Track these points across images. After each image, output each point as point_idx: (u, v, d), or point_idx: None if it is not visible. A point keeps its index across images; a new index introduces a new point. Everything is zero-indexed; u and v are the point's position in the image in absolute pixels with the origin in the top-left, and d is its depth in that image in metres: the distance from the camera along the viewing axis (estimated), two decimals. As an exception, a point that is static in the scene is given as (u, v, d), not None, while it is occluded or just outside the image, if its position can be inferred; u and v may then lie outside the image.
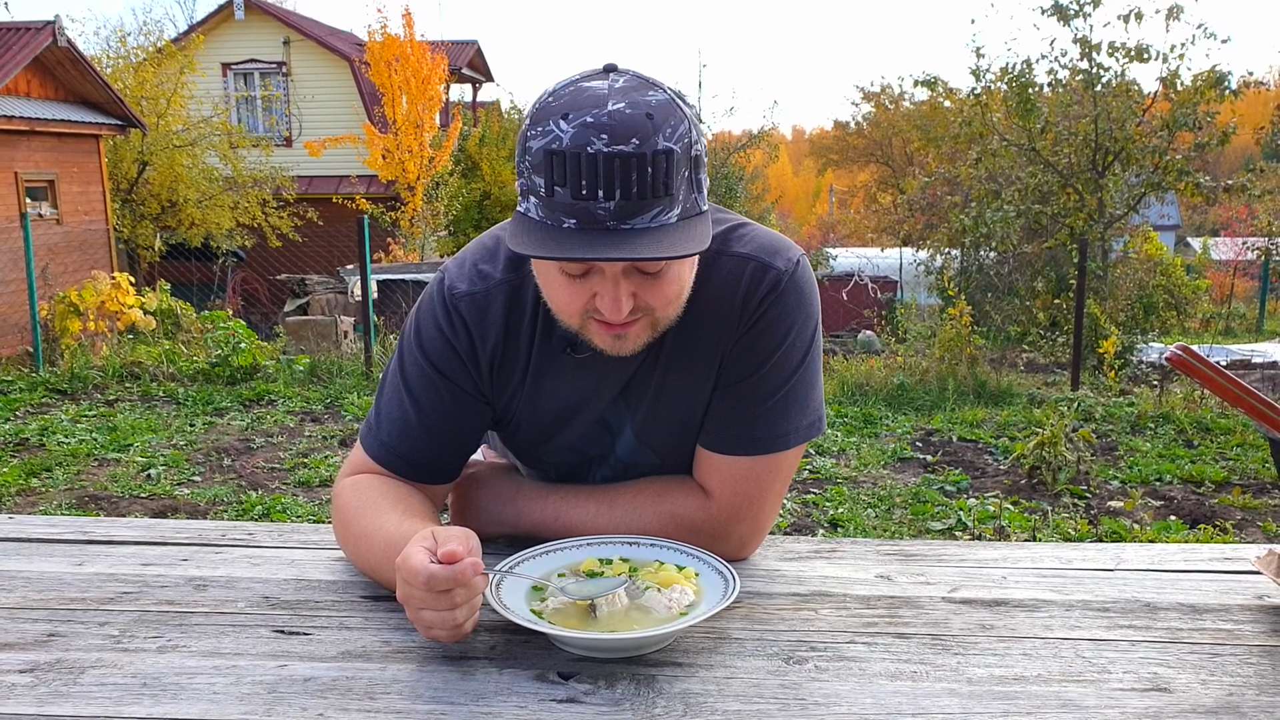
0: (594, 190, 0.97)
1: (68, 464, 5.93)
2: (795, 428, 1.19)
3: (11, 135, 11.03)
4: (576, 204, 0.97)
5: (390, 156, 14.48)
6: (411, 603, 0.96)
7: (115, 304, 9.74)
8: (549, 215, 0.99)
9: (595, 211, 0.97)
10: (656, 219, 0.99)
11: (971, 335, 8.16)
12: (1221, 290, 16.20)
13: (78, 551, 1.28)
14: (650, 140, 0.97)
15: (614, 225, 0.98)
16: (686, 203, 1.02)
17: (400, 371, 1.22)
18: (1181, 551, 1.29)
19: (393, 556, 1.00)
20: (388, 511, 1.14)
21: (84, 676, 0.95)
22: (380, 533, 1.12)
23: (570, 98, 1.00)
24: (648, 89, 1.01)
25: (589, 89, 1.00)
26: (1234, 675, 0.95)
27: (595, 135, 0.96)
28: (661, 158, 0.97)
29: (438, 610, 0.95)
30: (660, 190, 0.98)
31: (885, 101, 25.80)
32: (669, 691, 0.92)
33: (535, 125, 1.00)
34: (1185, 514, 4.95)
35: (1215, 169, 14.12)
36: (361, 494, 1.20)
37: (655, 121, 0.98)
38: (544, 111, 1.00)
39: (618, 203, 0.97)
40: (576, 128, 0.97)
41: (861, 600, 1.12)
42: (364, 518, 1.16)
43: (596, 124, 0.97)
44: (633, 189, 0.97)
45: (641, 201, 0.97)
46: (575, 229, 0.98)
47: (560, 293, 1.07)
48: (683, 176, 1.00)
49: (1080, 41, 10.53)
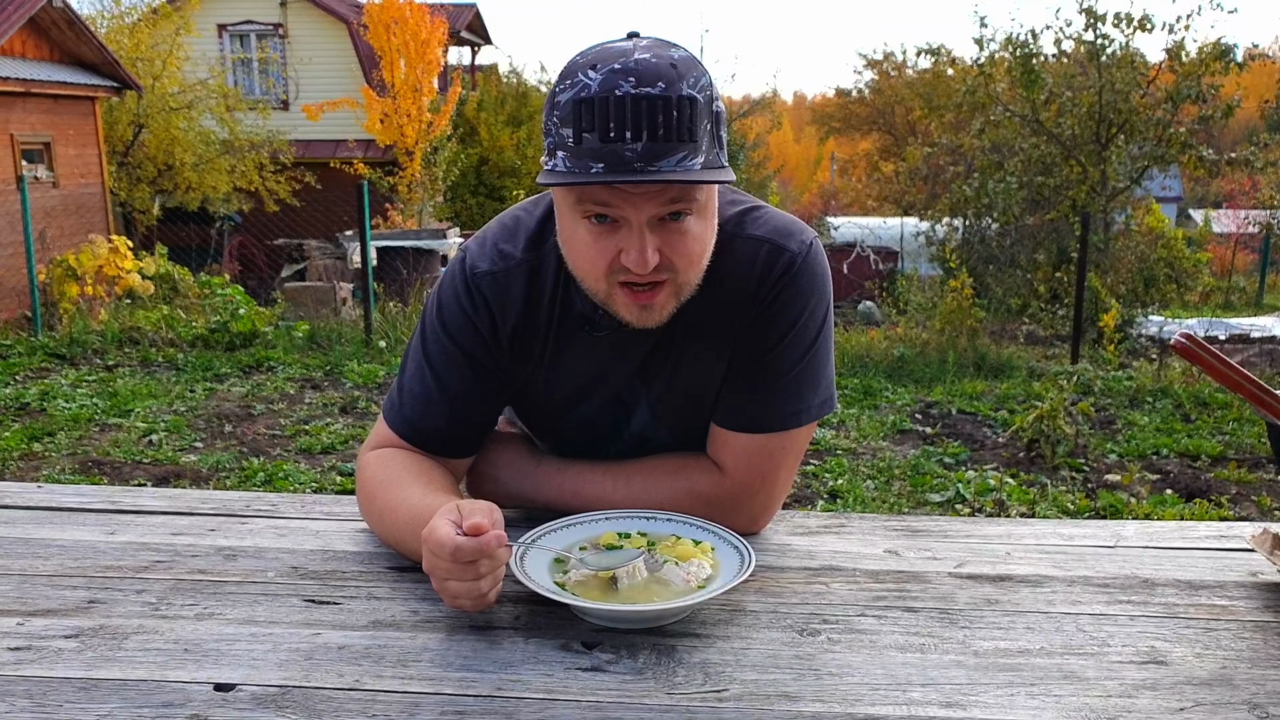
0: (621, 131, 1.00)
1: (69, 429, 5.97)
2: (807, 406, 1.23)
3: (7, 97, 10.92)
4: (604, 147, 1.01)
5: (388, 120, 14.36)
6: (437, 573, 1.00)
7: (113, 268, 9.73)
8: (576, 163, 1.02)
9: (623, 153, 1.00)
10: (682, 163, 1.02)
11: (972, 307, 8.18)
12: (1222, 263, 16.21)
13: (108, 520, 1.31)
14: (675, 85, 1.02)
15: (640, 166, 1.01)
16: (709, 155, 1.05)
17: (423, 349, 1.25)
18: (1179, 529, 1.33)
19: (417, 529, 1.04)
20: (411, 485, 1.18)
21: (128, 642, 0.99)
22: (404, 506, 1.15)
23: (597, 53, 1.05)
24: (670, 47, 1.07)
25: (614, 46, 1.06)
26: (1228, 649, 1.00)
27: (623, 79, 1.01)
28: (686, 103, 1.02)
29: (463, 581, 0.99)
30: (685, 134, 1.02)
31: (888, 69, 25.58)
32: (689, 661, 0.96)
33: (563, 80, 1.05)
34: (1181, 488, 5.02)
35: (1219, 141, 14.07)
36: (385, 468, 1.23)
37: (679, 70, 1.03)
38: (571, 67, 1.05)
39: (645, 144, 1.00)
40: (604, 74, 1.02)
41: (871, 575, 1.16)
42: (388, 491, 1.20)
43: (624, 69, 1.01)
44: (659, 130, 1.00)
45: (667, 144, 1.01)
46: (603, 172, 1.01)
47: (586, 250, 1.09)
48: (705, 128, 1.04)
49: (1085, 11, 10.45)
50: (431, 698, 0.90)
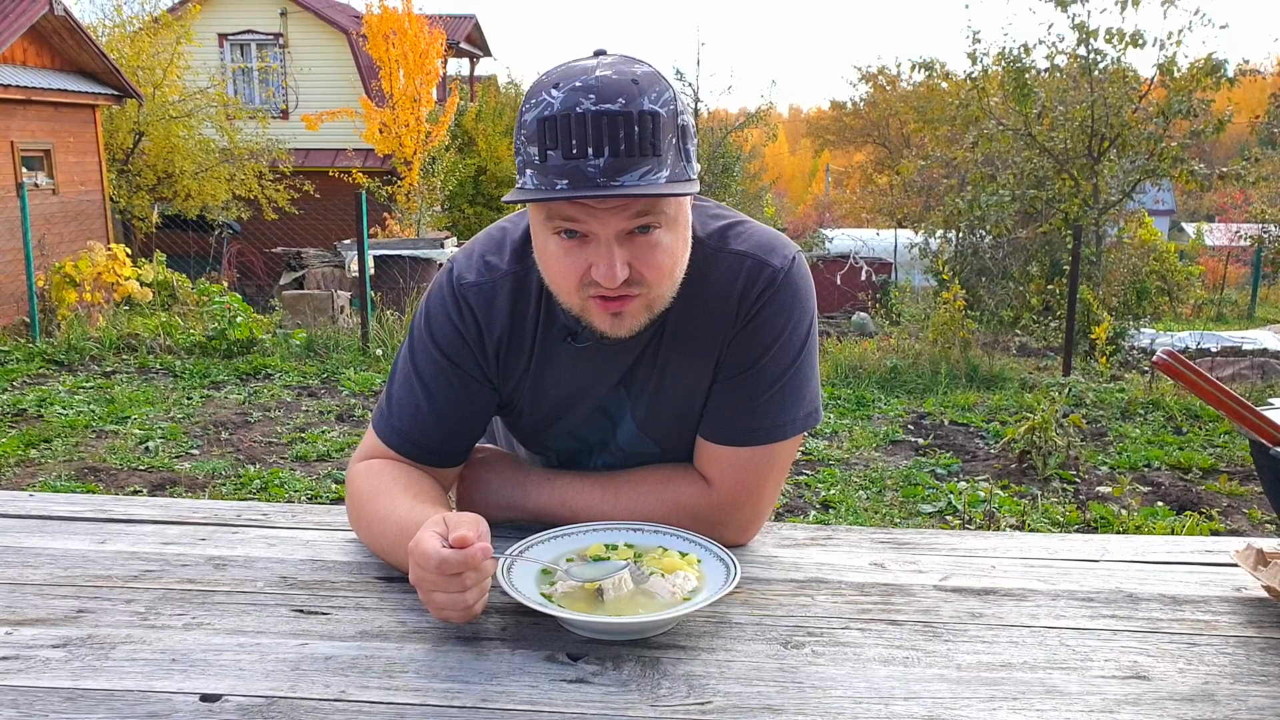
0: (584, 148, 1.02)
1: (66, 435, 5.96)
2: (792, 419, 1.24)
3: (8, 104, 10.94)
4: (568, 164, 1.02)
5: (387, 130, 14.40)
6: (424, 585, 1.01)
7: (111, 275, 9.72)
8: (543, 180, 1.04)
9: (586, 169, 1.02)
10: (645, 178, 1.03)
11: (965, 319, 8.21)
12: (1214, 276, 16.27)
13: (98, 529, 1.31)
14: (636, 101, 1.03)
15: (604, 182, 1.02)
16: (675, 168, 1.06)
17: (411, 359, 1.26)
18: (1165, 544, 1.34)
19: (405, 541, 1.04)
20: (399, 496, 1.19)
21: (115, 652, 0.99)
22: (392, 517, 1.16)
23: (561, 72, 1.07)
24: (634, 63, 1.08)
25: (578, 64, 1.07)
26: (1210, 665, 1.00)
27: (584, 96, 1.02)
28: (648, 118, 1.03)
29: (449, 593, 0.99)
30: (648, 149, 1.03)
31: (883, 82, 25.69)
32: (673, 673, 0.97)
33: (529, 99, 1.07)
34: (1172, 500, 5.03)
35: (1211, 155, 14.14)
36: (374, 479, 1.24)
37: (641, 85, 1.04)
38: (536, 86, 1.07)
39: (607, 160, 1.02)
40: (566, 92, 1.03)
41: (856, 587, 1.17)
42: (377, 502, 1.21)
43: (585, 86, 1.03)
44: (620, 145, 1.02)
45: (630, 159, 1.02)
46: (567, 188, 1.03)
47: (557, 264, 1.11)
48: (670, 142, 1.05)
49: (1077, 27, 10.51)
50: (417, 709, 0.90)
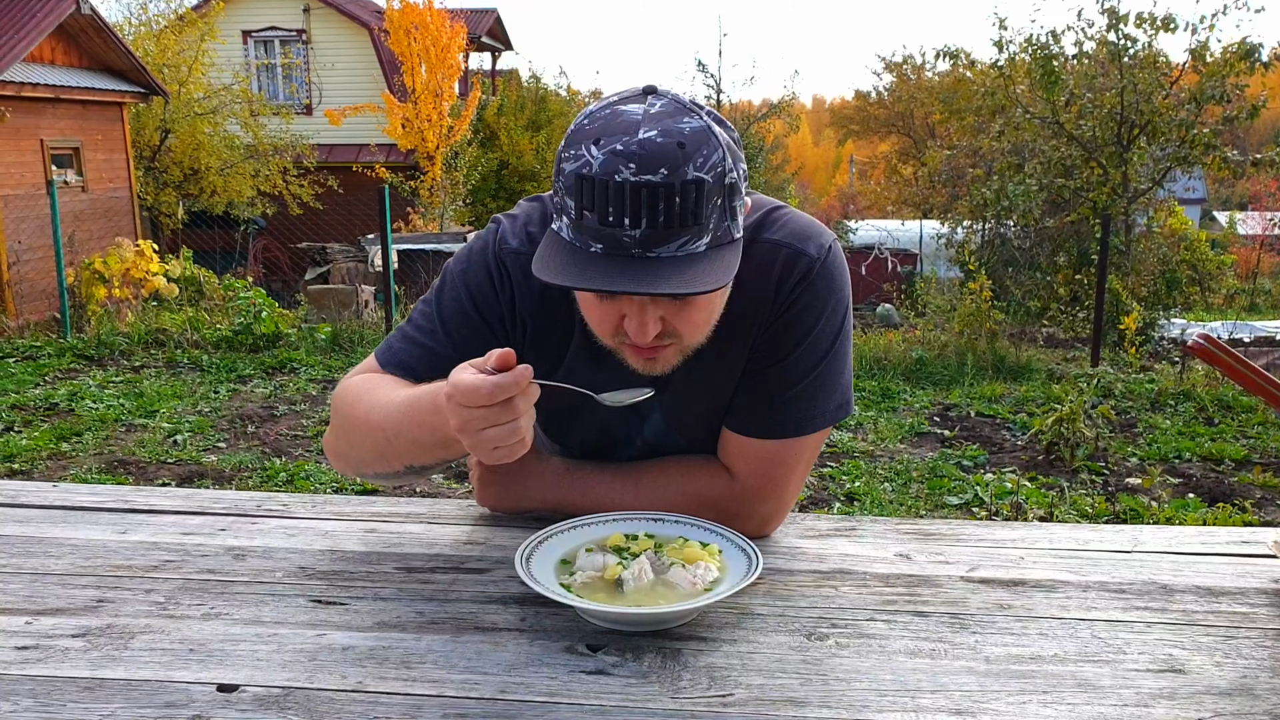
0: (620, 218, 0.98)
1: (96, 429, 6.03)
2: (821, 411, 1.21)
3: (37, 103, 11.10)
4: (604, 229, 0.99)
5: (410, 125, 14.46)
6: (473, 424, 0.96)
7: (139, 271, 9.84)
8: (577, 238, 1.01)
9: (621, 238, 0.98)
10: (684, 248, 1.00)
11: (991, 310, 8.12)
12: (1247, 266, 15.98)
13: (120, 520, 1.32)
14: (680, 170, 0.97)
15: (639, 253, 0.99)
16: (718, 231, 1.02)
17: (437, 300, 1.24)
18: (1199, 534, 1.30)
19: (417, 413, 1.02)
20: (399, 387, 1.16)
21: (134, 641, 0.99)
22: (397, 397, 1.12)
23: (604, 122, 1.01)
24: (683, 115, 1.01)
25: (623, 113, 1.01)
26: (1248, 658, 0.97)
27: (624, 164, 0.97)
28: (691, 187, 0.98)
29: (502, 424, 0.96)
30: (689, 220, 0.99)
31: (907, 72, 25.45)
32: (694, 665, 0.95)
33: (569, 148, 1.01)
34: (1204, 492, 4.95)
35: (1244, 142, 13.87)
36: (370, 379, 1.22)
37: (686, 150, 0.98)
38: (578, 134, 1.02)
39: (644, 231, 0.98)
40: (606, 155, 0.98)
41: (881, 578, 1.15)
42: (375, 393, 1.17)
43: (625, 152, 0.97)
44: (659, 218, 0.97)
45: (668, 230, 0.98)
46: (601, 254, 1.00)
47: (591, 311, 1.10)
48: (714, 205, 1.00)
49: (1107, 11, 10.34)
50: (434, 700, 0.89)
